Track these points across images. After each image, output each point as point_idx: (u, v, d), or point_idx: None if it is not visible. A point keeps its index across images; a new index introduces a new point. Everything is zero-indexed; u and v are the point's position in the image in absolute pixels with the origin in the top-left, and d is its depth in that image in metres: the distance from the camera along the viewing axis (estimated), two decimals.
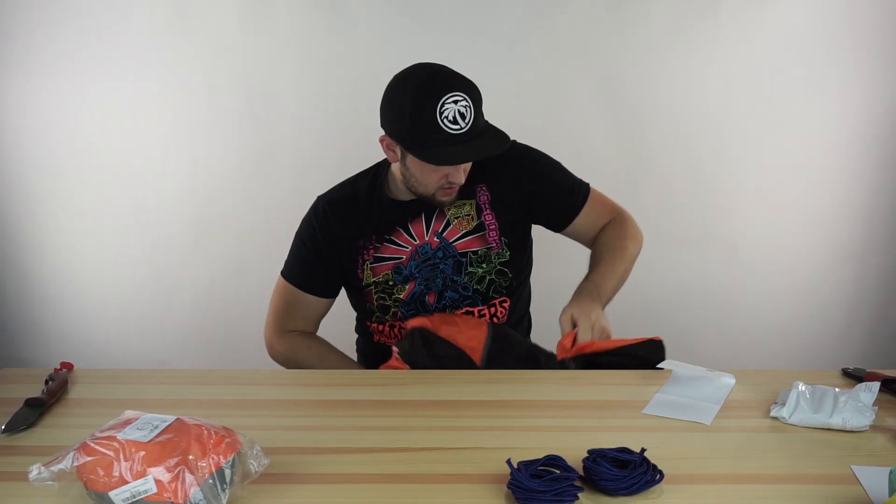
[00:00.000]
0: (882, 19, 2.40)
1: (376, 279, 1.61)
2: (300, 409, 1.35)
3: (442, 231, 1.60)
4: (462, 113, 1.42)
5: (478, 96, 1.47)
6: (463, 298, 1.61)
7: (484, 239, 1.60)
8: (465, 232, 1.60)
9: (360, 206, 1.63)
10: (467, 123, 1.42)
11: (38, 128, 2.56)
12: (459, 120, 1.42)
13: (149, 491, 0.95)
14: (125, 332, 2.73)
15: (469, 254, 1.60)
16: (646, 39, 2.44)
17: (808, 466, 1.10)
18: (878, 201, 2.56)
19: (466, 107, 1.42)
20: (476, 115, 1.44)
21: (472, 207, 1.61)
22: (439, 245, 1.59)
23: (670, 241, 2.59)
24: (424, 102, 1.42)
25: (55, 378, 1.40)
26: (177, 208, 2.63)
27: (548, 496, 0.98)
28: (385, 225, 1.61)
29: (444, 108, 1.41)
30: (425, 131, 1.43)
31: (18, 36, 2.47)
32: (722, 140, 2.52)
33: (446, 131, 1.42)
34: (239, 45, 2.48)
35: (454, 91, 1.42)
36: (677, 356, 1.48)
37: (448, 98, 1.41)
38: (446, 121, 1.41)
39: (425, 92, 1.43)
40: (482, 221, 1.60)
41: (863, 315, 2.66)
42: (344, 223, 1.63)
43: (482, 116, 1.49)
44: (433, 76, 1.47)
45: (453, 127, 1.42)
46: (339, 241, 1.62)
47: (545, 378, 1.47)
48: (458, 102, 1.42)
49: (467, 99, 1.43)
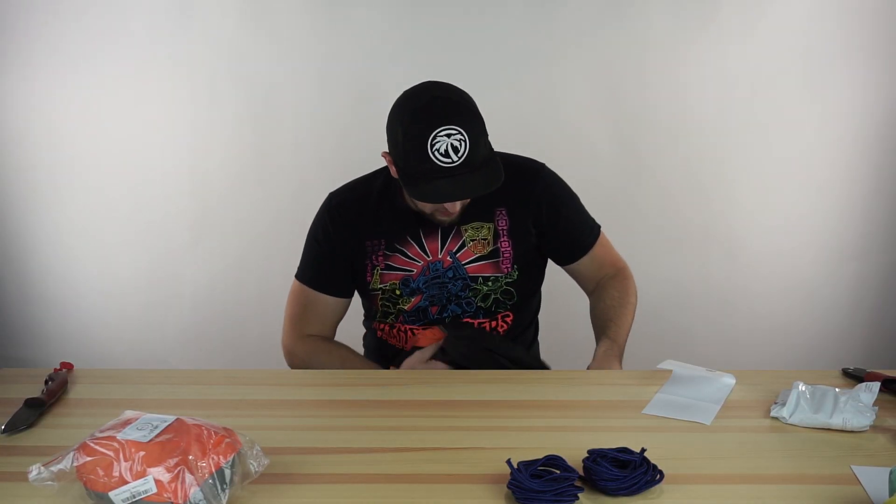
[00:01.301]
0: (882, 19, 2.40)
1: (383, 286, 1.59)
2: (300, 409, 1.35)
3: (456, 251, 1.57)
4: (455, 147, 1.37)
5: (477, 128, 1.42)
6: (465, 313, 1.60)
7: (497, 266, 1.58)
8: (479, 256, 1.57)
9: (372, 207, 1.60)
10: (460, 157, 1.38)
11: (39, 128, 2.56)
12: (452, 153, 1.37)
13: (149, 491, 0.95)
14: (125, 332, 2.73)
15: (479, 279, 1.58)
16: (645, 39, 2.44)
17: (808, 466, 1.10)
18: (878, 201, 2.56)
19: (461, 140, 1.37)
20: (472, 148, 1.39)
21: (490, 232, 1.58)
22: (451, 265, 1.57)
23: (670, 241, 2.59)
24: (417, 132, 1.39)
25: (55, 378, 1.40)
26: (177, 208, 2.63)
27: (548, 496, 0.98)
28: (397, 232, 1.58)
29: (436, 141, 1.36)
30: (416, 161, 1.39)
31: (18, 36, 2.48)
32: (721, 140, 2.52)
33: (436, 163, 1.37)
34: (239, 45, 2.48)
35: (450, 124, 1.37)
36: (677, 356, 1.48)
37: (441, 131, 1.37)
38: (437, 153, 1.37)
39: (420, 121, 1.39)
40: (498, 248, 1.57)
41: (863, 315, 2.66)
42: (354, 222, 1.60)
43: (482, 148, 1.43)
44: (431, 104, 1.42)
45: (444, 160, 1.37)
46: (350, 239, 1.60)
47: (545, 378, 1.47)
48: (452, 136, 1.37)
49: (462, 133, 1.38)
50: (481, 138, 1.43)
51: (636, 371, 1.45)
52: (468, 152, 1.38)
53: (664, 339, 2.63)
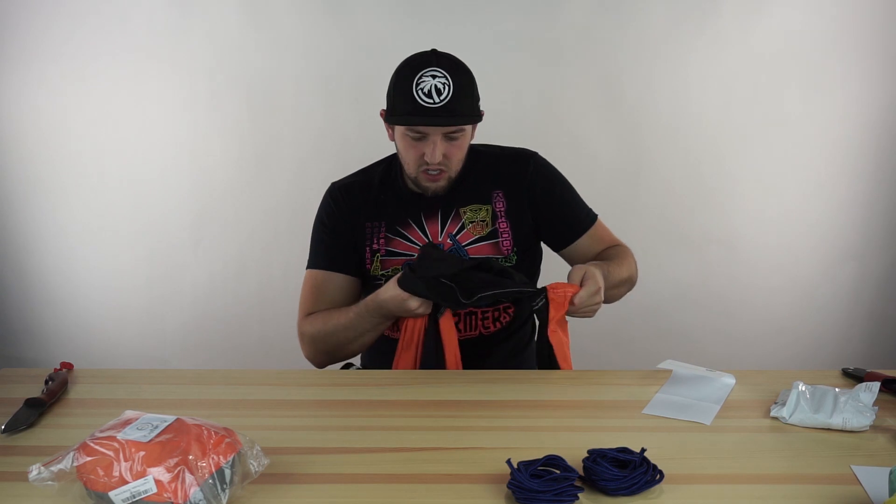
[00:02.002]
0: (882, 19, 2.40)
1: (385, 272, 1.60)
2: (300, 409, 1.35)
3: (456, 234, 1.59)
4: (438, 89, 1.42)
5: (464, 81, 1.47)
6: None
7: (497, 247, 1.60)
8: (479, 237, 1.59)
9: (373, 192, 1.64)
10: (442, 100, 1.43)
11: (39, 128, 2.57)
12: (434, 95, 1.42)
13: (149, 491, 0.94)
14: (125, 332, 2.73)
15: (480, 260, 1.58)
16: (645, 39, 2.44)
17: (808, 466, 1.10)
18: (878, 201, 2.56)
19: (445, 84, 1.43)
20: (455, 96, 1.44)
21: (488, 213, 1.60)
22: (451, 248, 1.59)
23: (670, 241, 2.59)
24: (406, 73, 1.46)
25: (55, 378, 1.40)
26: (177, 209, 2.63)
27: (548, 496, 0.98)
28: (397, 214, 1.61)
29: (421, 81, 1.42)
30: (400, 99, 1.46)
31: (19, 36, 2.48)
32: (721, 140, 2.52)
33: (418, 102, 1.43)
34: (239, 45, 2.48)
35: (438, 67, 1.44)
36: (677, 356, 1.48)
37: (427, 71, 1.43)
38: (420, 92, 1.42)
39: (409, 63, 1.47)
40: (496, 228, 1.60)
41: (863, 315, 2.67)
42: (355, 204, 1.63)
43: (466, 101, 1.48)
44: (425, 53, 1.50)
45: (426, 100, 1.43)
46: (352, 220, 1.63)
47: (545, 378, 1.47)
48: (436, 78, 1.43)
49: (447, 77, 1.43)
50: (466, 92, 1.47)
51: (636, 371, 1.45)
52: (451, 97, 1.43)
53: (664, 339, 2.64)
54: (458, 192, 1.60)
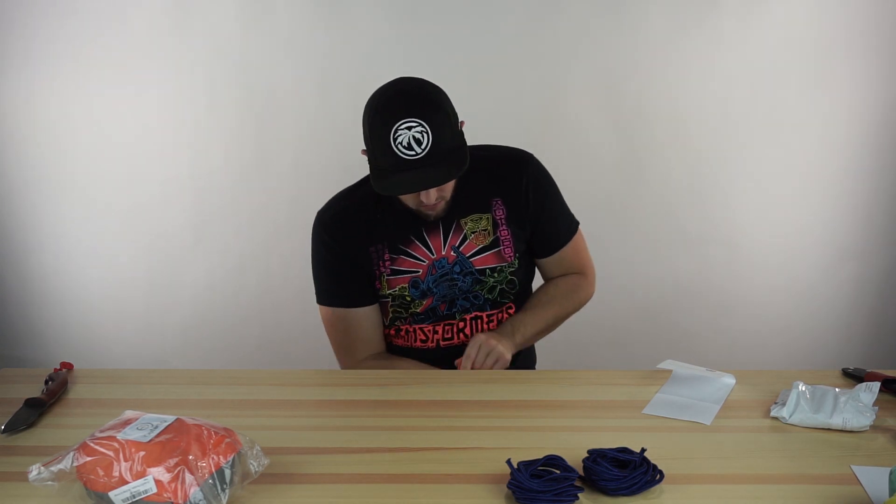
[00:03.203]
0: (882, 19, 2.40)
1: (392, 291, 1.58)
2: (300, 409, 1.35)
3: (459, 245, 1.57)
4: (417, 139, 1.38)
5: (440, 119, 1.41)
6: (473, 306, 1.61)
7: (500, 255, 1.59)
8: (482, 247, 1.58)
9: (366, 214, 1.59)
10: (423, 150, 1.38)
11: (38, 128, 2.56)
12: (415, 146, 1.38)
13: (149, 491, 0.95)
14: (125, 332, 2.73)
15: (486, 271, 1.58)
16: (645, 39, 2.44)
17: (808, 466, 1.10)
18: (878, 201, 2.56)
19: (422, 133, 1.38)
20: (436, 140, 1.39)
21: (489, 222, 1.59)
22: (456, 260, 1.57)
23: (670, 241, 2.59)
24: (380, 127, 1.40)
25: (55, 378, 1.40)
26: (177, 209, 2.63)
27: (548, 496, 0.98)
28: (398, 233, 1.58)
29: (398, 134, 1.38)
30: (381, 155, 1.41)
31: (19, 37, 2.48)
32: (721, 140, 2.52)
33: (400, 156, 1.38)
34: (239, 45, 2.48)
35: (410, 117, 1.38)
36: (677, 356, 1.48)
37: (402, 124, 1.38)
38: (400, 146, 1.38)
39: (382, 116, 1.41)
40: (498, 237, 1.59)
41: (863, 315, 2.66)
42: (352, 232, 1.58)
43: (447, 139, 1.42)
44: (392, 98, 1.43)
45: (408, 153, 1.38)
46: (353, 248, 1.59)
47: (545, 378, 1.47)
48: (413, 128, 1.38)
49: (423, 125, 1.38)
50: (446, 129, 1.42)
51: (636, 371, 1.45)
52: (431, 144, 1.38)
53: (664, 339, 2.64)
54: (458, 202, 1.57)
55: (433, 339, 1.61)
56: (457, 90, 1.54)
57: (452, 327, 1.61)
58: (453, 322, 1.61)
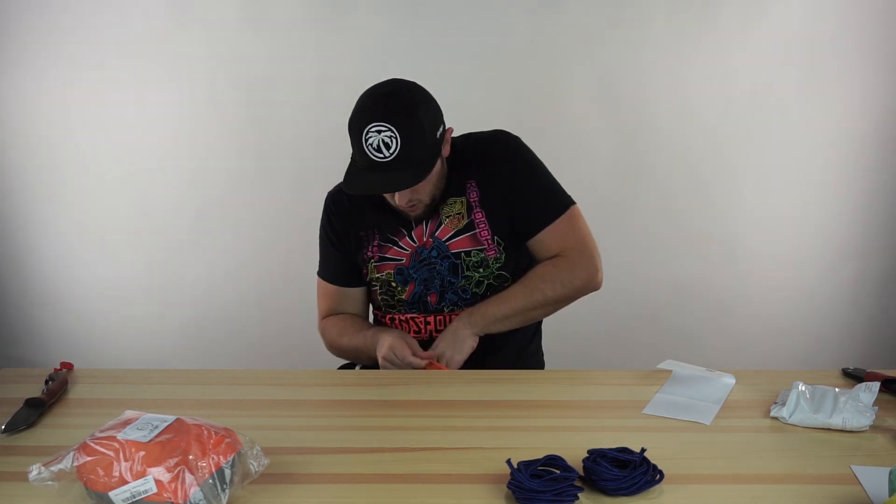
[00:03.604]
0: (882, 20, 2.40)
1: (379, 276, 1.64)
2: (300, 409, 1.35)
3: (435, 230, 1.60)
4: (386, 143, 1.42)
5: (413, 127, 1.43)
6: (461, 300, 1.61)
7: (475, 239, 1.59)
8: (456, 231, 1.59)
9: (361, 201, 1.65)
10: (392, 153, 1.42)
11: (38, 128, 2.57)
12: (383, 149, 1.42)
13: (149, 491, 0.95)
14: (125, 332, 2.73)
15: (462, 254, 1.59)
16: (645, 40, 2.44)
17: (808, 466, 1.10)
18: (878, 201, 2.56)
19: (391, 137, 1.42)
20: (405, 146, 1.42)
21: (464, 206, 1.60)
22: (433, 245, 1.60)
23: (670, 241, 2.59)
24: (355, 127, 1.45)
25: (55, 378, 1.40)
26: (177, 209, 2.63)
27: (548, 496, 0.98)
28: (389, 224, 1.62)
29: (368, 136, 1.42)
30: (357, 154, 1.47)
31: (19, 37, 2.48)
32: (721, 140, 2.52)
33: (370, 157, 1.43)
34: (239, 46, 2.48)
35: (380, 121, 1.42)
36: (677, 356, 1.48)
37: (372, 127, 1.42)
38: (371, 148, 1.43)
39: (358, 116, 1.46)
40: (472, 220, 1.59)
41: (863, 315, 2.67)
42: (347, 214, 1.66)
43: (418, 147, 1.44)
44: (369, 100, 1.47)
45: (377, 155, 1.43)
46: (347, 230, 1.67)
47: (545, 378, 1.47)
48: (382, 133, 1.42)
49: (392, 130, 1.42)
50: (416, 137, 1.44)
51: (636, 371, 1.45)
52: (400, 149, 1.42)
53: (664, 339, 2.64)
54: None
55: (426, 330, 1.63)
56: (456, 90, 1.55)
57: (444, 319, 1.62)
58: (443, 315, 1.62)
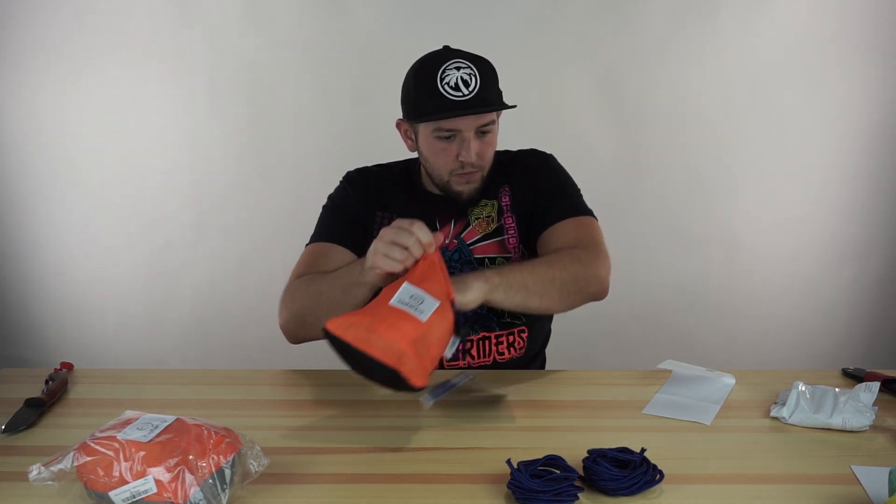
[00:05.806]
0: (882, 19, 2.40)
1: None
2: (300, 409, 1.35)
3: (461, 232, 1.54)
4: (465, 80, 1.36)
5: (490, 72, 1.41)
6: (477, 317, 1.51)
7: (503, 245, 1.53)
8: (485, 234, 1.53)
9: (388, 183, 1.59)
10: (471, 91, 1.35)
11: (38, 128, 2.57)
12: (462, 87, 1.35)
13: (149, 491, 0.94)
14: (125, 332, 2.73)
15: (486, 261, 1.52)
16: (645, 39, 2.44)
17: (808, 466, 1.10)
18: (878, 201, 2.56)
19: (471, 75, 1.36)
20: (483, 87, 1.37)
21: (494, 209, 1.55)
22: (456, 247, 1.53)
23: (670, 241, 2.59)
24: (426, 71, 1.39)
25: (55, 378, 1.40)
26: (177, 209, 2.63)
27: (548, 496, 0.98)
28: (411, 212, 1.47)
29: (445, 74, 1.35)
30: (426, 97, 1.38)
31: (19, 37, 2.48)
32: (721, 140, 2.52)
33: (446, 97, 1.36)
34: (239, 45, 2.49)
35: (459, 59, 1.37)
36: (677, 356, 1.48)
37: (450, 64, 1.36)
38: (447, 87, 1.35)
39: (428, 61, 1.41)
40: (502, 224, 1.54)
41: (863, 315, 2.67)
42: (369, 190, 1.58)
43: (494, 92, 1.41)
44: (440, 50, 1.44)
45: (455, 93, 1.35)
46: (364, 206, 1.56)
47: (545, 378, 1.47)
48: (461, 69, 1.36)
49: (472, 68, 1.37)
50: (493, 80, 1.42)
51: (636, 371, 1.45)
52: (479, 88, 1.37)
53: (664, 339, 2.64)
54: None
55: None
56: None
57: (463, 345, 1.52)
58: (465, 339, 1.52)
